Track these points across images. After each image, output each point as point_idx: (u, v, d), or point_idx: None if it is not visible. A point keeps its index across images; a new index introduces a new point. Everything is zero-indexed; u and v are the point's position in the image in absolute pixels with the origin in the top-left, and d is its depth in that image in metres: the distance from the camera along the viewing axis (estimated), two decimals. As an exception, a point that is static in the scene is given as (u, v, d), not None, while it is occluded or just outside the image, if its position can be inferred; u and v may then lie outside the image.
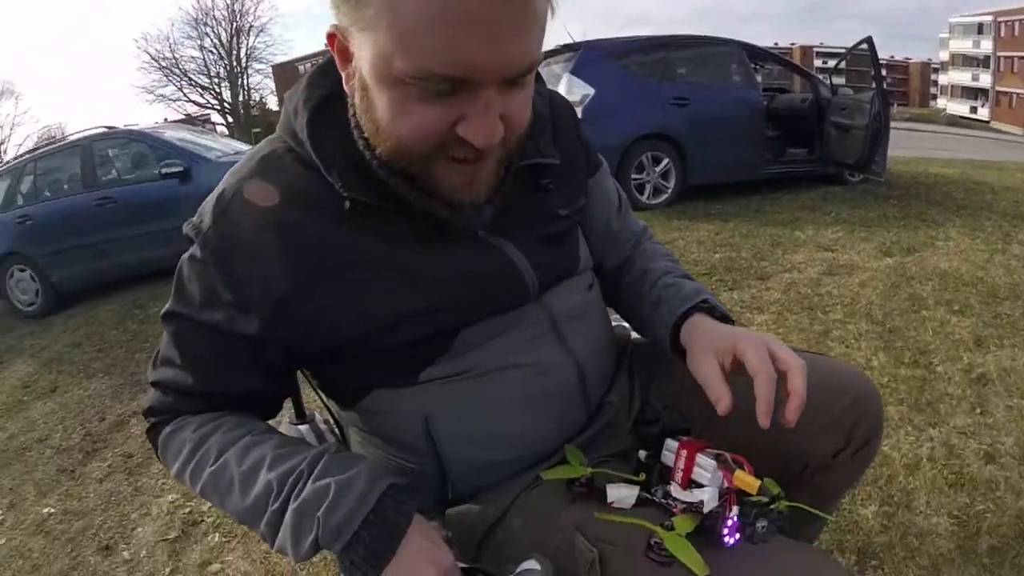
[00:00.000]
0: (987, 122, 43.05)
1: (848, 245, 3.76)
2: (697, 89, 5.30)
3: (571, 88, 4.78)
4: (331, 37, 0.56)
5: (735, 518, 0.54)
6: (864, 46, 5.28)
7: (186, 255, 0.62)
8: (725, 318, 0.70)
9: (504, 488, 0.69)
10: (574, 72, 4.87)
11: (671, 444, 0.63)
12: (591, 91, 4.80)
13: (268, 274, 0.58)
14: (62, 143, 6.06)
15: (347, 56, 0.55)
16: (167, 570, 1.73)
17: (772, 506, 0.56)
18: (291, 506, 0.55)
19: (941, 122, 33.52)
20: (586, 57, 5.00)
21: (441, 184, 0.56)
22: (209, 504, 1.50)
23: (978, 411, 1.91)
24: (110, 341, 3.95)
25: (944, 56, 53.63)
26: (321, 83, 0.63)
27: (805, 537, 0.87)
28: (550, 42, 5.88)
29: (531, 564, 0.56)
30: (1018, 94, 42.78)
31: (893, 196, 5.32)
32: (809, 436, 0.70)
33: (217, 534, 1.82)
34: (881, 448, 1.31)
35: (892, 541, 1.41)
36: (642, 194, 5.04)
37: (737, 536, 0.55)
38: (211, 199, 0.62)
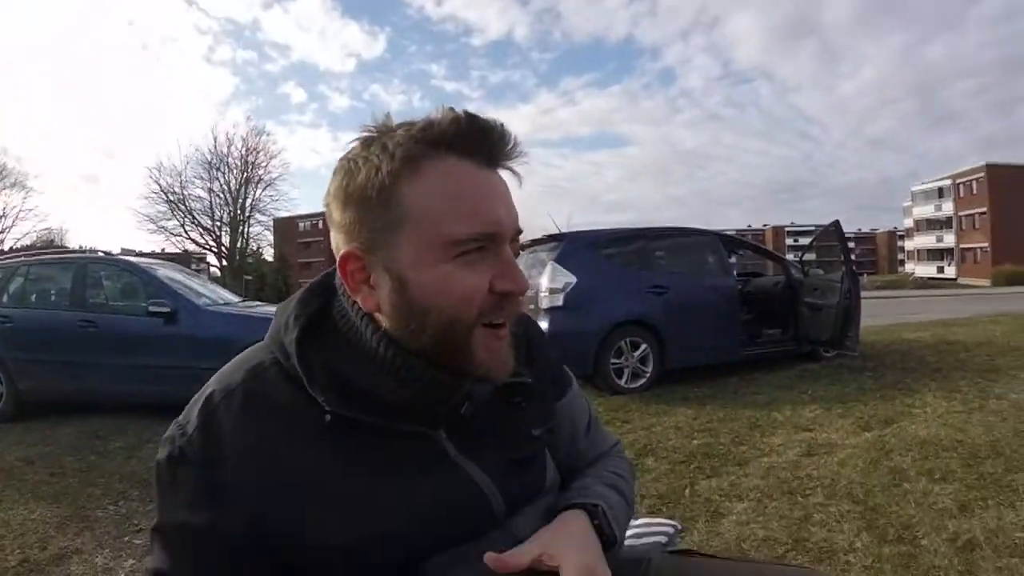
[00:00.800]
0: (954, 279, 44.87)
1: (826, 423, 3.80)
2: (674, 278, 5.69)
3: (555, 276, 5.15)
4: (346, 260, 0.64)
5: None
6: (832, 228, 5.75)
7: (165, 454, 0.64)
8: (601, 531, 0.71)
9: None
10: (558, 260, 5.27)
11: None
12: (573, 279, 5.14)
13: (245, 482, 0.61)
14: (59, 255, 6.20)
15: (361, 277, 0.64)
16: None
17: None
18: None
19: (911, 286, 34.94)
20: (569, 247, 5.46)
21: (477, 354, 0.63)
22: None
23: (968, 579, 1.84)
24: (64, 467, 3.77)
25: (908, 223, 57.62)
26: (311, 302, 0.69)
27: None
28: (537, 230, 6.43)
29: None
30: (981, 248, 45.23)
31: (868, 368, 5.46)
32: None
33: None
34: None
35: None
36: (620, 378, 5.17)
37: None
38: (197, 401, 0.66)
